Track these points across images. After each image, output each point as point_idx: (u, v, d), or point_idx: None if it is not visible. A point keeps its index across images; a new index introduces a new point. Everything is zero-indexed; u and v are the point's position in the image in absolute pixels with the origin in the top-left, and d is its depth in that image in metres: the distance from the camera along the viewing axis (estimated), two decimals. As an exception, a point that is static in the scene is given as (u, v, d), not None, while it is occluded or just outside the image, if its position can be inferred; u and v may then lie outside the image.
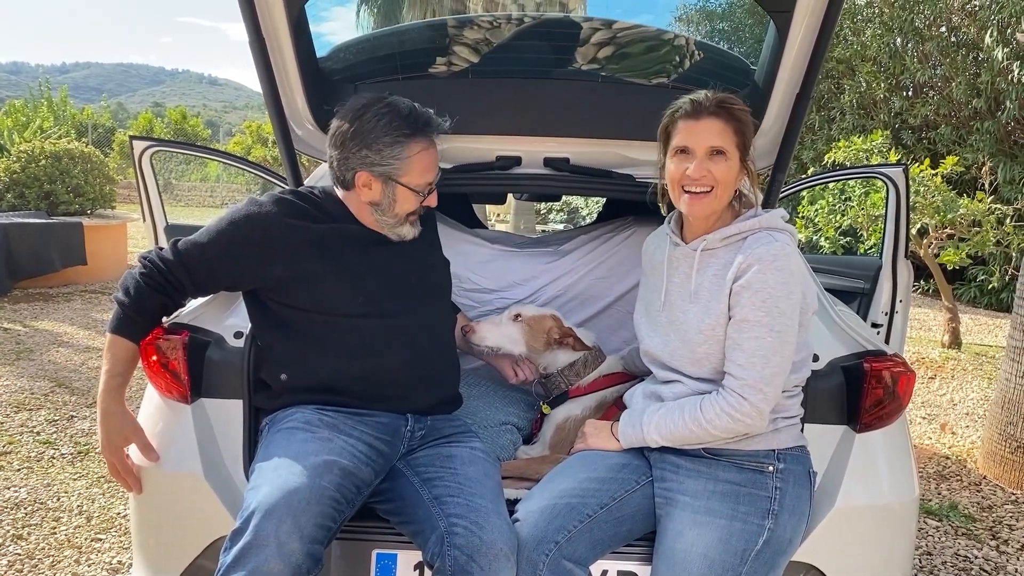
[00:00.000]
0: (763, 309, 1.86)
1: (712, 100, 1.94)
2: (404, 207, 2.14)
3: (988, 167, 8.71)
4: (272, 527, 1.69)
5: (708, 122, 1.93)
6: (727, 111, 1.94)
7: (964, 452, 5.02)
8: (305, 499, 1.74)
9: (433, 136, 2.13)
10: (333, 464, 1.86)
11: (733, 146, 1.94)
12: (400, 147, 2.07)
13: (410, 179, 2.11)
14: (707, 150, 1.93)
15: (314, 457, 1.86)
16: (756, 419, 1.88)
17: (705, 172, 1.92)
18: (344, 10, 2.68)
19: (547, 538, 1.86)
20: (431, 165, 2.14)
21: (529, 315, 2.61)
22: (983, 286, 11.37)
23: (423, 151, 2.10)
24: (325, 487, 1.80)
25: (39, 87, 23.99)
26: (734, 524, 1.88)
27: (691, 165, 1.93)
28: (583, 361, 2.60)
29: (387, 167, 2.08)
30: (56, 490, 3.85)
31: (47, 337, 7.00)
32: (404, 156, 2.08)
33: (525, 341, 2.58)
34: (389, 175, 2.10)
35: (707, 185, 1.93)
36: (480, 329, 2.56)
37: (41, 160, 10.64)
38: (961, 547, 3.64)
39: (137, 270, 2.08)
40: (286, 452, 1.88)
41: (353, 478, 1.89)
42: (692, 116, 1.94)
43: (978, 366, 7.31)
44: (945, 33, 12.42)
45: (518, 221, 16.75)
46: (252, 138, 34.39)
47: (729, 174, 1.94)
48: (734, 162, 1.95)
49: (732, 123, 1.94)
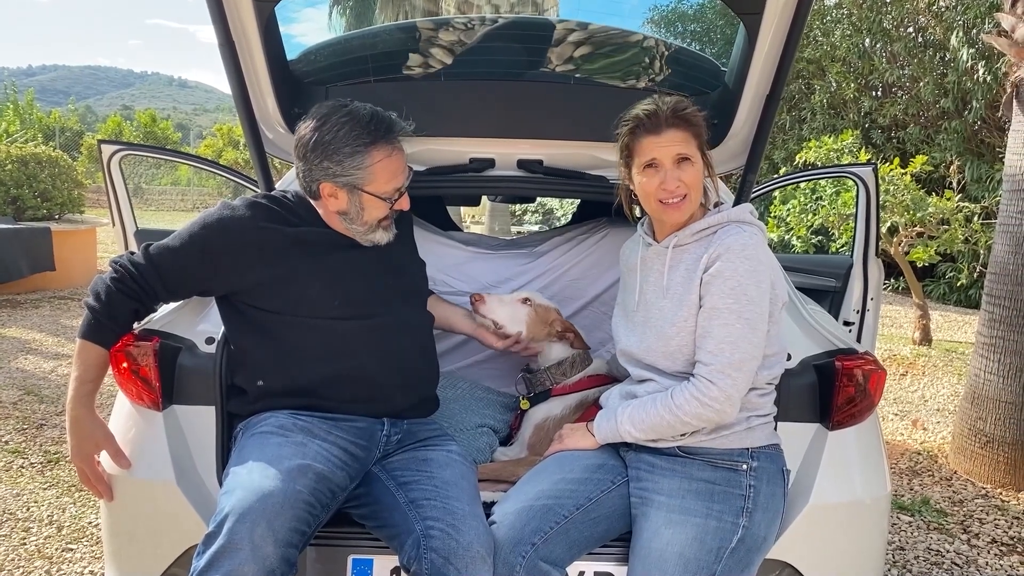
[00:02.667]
0: (731, 296, 1.89)
1: (667, 110, 1.97)
2: (373, 214, 2.12)
3: (956, 166, 8.84)
4: (246, 531, 1.67)
5: (670, 134, 1.97)
6: (685, 120, 1.98)
7: (935, 448, 5.09)
8: (279, 503, 1.72)
9: (396, 141, 2.09)
10: (307, 468, 1.85)
11: (695, 149, 1.99)
12: (361, 156, 2.03)
13: (376, 187, 2.08)
14: (675, 160, 1.97)
15: (288, 461, 1.84)
16: (725, 404, 1.89)
17: (677, 182, 1.96)
18: (315, 11, 2.67)
19: (523, 540, 1.86)
20: (396, 171, 2.10)
21: (538, 302, 2.63)
22: (952, 283, 11.55)
23: (386, 158, 2.06)
24: (299, 491, 1.78)
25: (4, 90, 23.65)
26: (709, 522, 1.89)
27: (663, 178, 1.97)
28: (571, 360, 2.61)
29: (350, 177, 2.05)
30: (25, 500, 3.79)
31: (15, 344, 6.89)
32: (366, 165, 2.04)
33: (527, 325, 2.58)
34: (354, 185, 2.06)
35: (681, 193, 1.98)
36: (488, 302, 2.56)
37: (7, 165, 10.47)
38: (933, 541, 3.69)
39: (108, 275, 2.05)
40: (260, 456, 1.86)
41: (328, 483, 1.88)
42: (653, 131, 1.98)
43: (948, 362, 7.42)
44: (912, 34, 12.61)
45: (493, 223, 16.75)
46: (223, 141, 34.14)
47: (697, 176, 1.99)
48: (699, 164, 2.00)
49: (691, 129, 1.99)
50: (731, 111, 2.49)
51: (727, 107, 2.49)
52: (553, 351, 2.63)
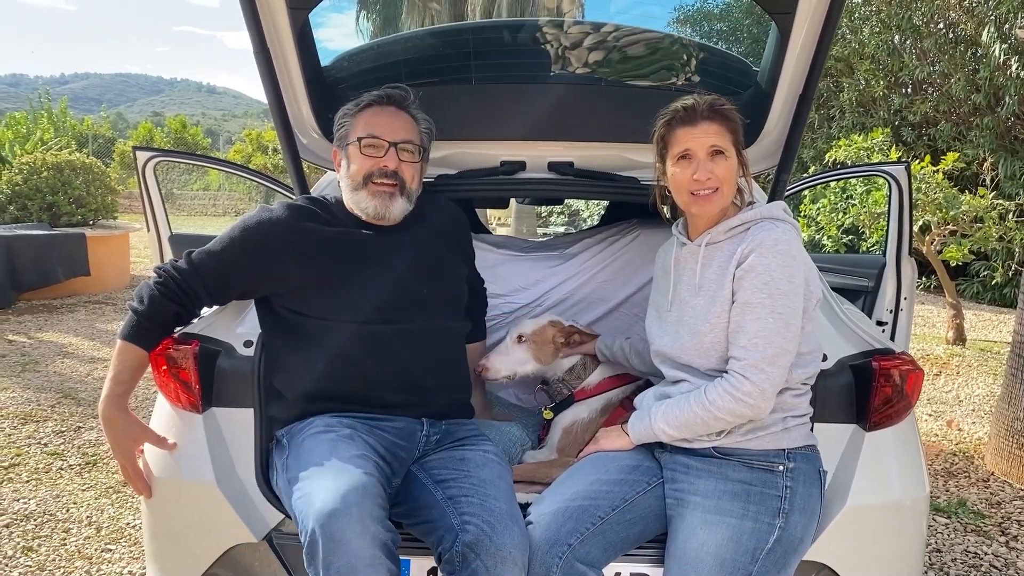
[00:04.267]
0: (764, 291, 1.89)
1: (704, 104, 2.01)
2: (356, 166, 2.19)
3: (989, 163, 8.70)
4: (341, 525, 1.67)
5: (705, 126, 1.99)
6: (720, 113, 2.01)
7: (971, 448, 5.02)
8: (360, 490, 1.73)
9: (386, 102, 2.22)
10: (367, 456, 1.89)
11: (730, 144, 2.01)
12: (350, 112, 2.23)
13: (353, 135, 2.19)
14: (708, 152, 1.98)
15: (347, 452, 1.87)
16: (759, 399, 1.88)
17: (709, 174, 1.98)
18: (343, 16, 2.70)
19: (560, 541, 1.86)
20: (375, 120, 2.19)
21: (530, 331, 2.63)
22: (986, 282, 11.37)
23: (368, 112, 2.21)
24: (371, 474, 1.80)
25: (39, 99, 24.01)
26: (745, 523, 1.88)
27: (695, 168, 1.98)
28: (582, 364, 2.62)
29: (340, 134, 2.23)
30: (65, 501, 3.86)
31: (52, 348, 7.01)
32: (353, 117, 2.21)
33: (534, 358, 2.60)
34: (342, 140, 2.22)
35: (712, 186, 1.99)
36: (491, 363, 2.58)
37: (43, 172, 10.64)
38: (971, 544, 3.64)
39: (152, 279, 2.10)
40: (319, 457, 1.88)
41: (383, 473, 1.91)
42: (689, 123, 2.01)
43: (983, 362, 7.31)
44: (943, 30, 12.43)
45: (519, 225, 16.75)
46: (252, 146, 34.46)
47: (730, 171, 2.01)
48: (732, 160, 2.01)
49: (726, 123, 2.01)
50: (763, 111, 2.48)
51: (759, 107, 2.48)
52: (562, 360, 2.65)
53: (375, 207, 2.18)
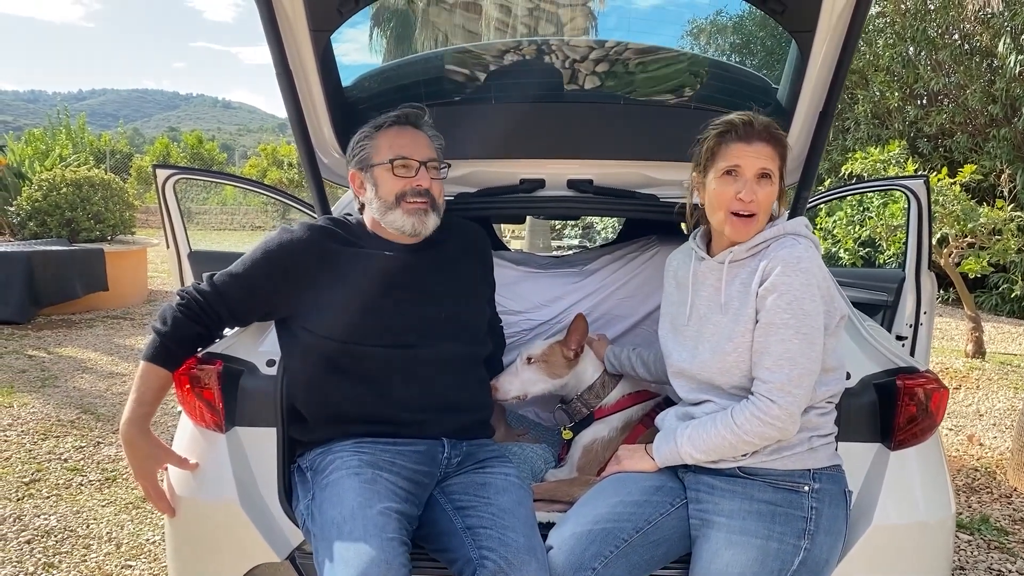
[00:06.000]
0: (788, 311, 1.87)
1: (762, 124, 1.97)
2: (386, 188, 2.18)
3: (1007, 175, 8.65)
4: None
5: (760, 147, 1.95)
6: (775, 137, 1.97)
7: (993, 463, 4.96)
8: (383, 564, 1.72)
9: (402, 121, 2.23)
10: (389, 511, 1.86)
11: (777, 169, 1.97)
12: (368, 135, 2.23)
13: (379, 156, 2.19)
14: (757, 173, 1.95)
15: (369, 510, 1.84)
16: (787, 422, 1.87)
17: (753, 196, 1.94)
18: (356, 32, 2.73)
19: (584, 565, 1.85)
20: (400, 141, 2.20)
21: (539, 352, 2.62)
22: (1005, 294, 11.28)
23: (390, 133, 2.21)
24: (391, 539, 1.79)
25: (57, 115, 24.25)
26: (770, 544, 1.87)
27: (741, 187, 1.95)
28: (600, 382, 2.61)
29: (361, 156, 2.22)
30: (85, 517, 3.88)
31: (71, 364, 7.06)
32: (373, 139, 2.21)
33: (546, 376, 2.59)
34: (364, 163, 2.21)
35: (753, 210, 1.95)
36: (501, 384, 2.57)
37: (62, 188, 10.74)
38: (994, 561, 3.60)
39: (175, 301, 2.11)
40: (344, 512, 1.85)
41: (405, 516, 1.91)
42: (744, 139, 1.96)
43: (1003, 375, 7.24)
44: (958, 41, 12.39)
45: (534, 239, 16.74)
46: (268, 161, 34.69)
47: (771, 198, 1.98)
48: (776, 186, 1.98)
49: (779, 148, 1.97)
50: (784, 129, 2.47)
51: (780, 125, 2.48)
52: (581, 377, 2.62)
53: (412, 225, 2.18)
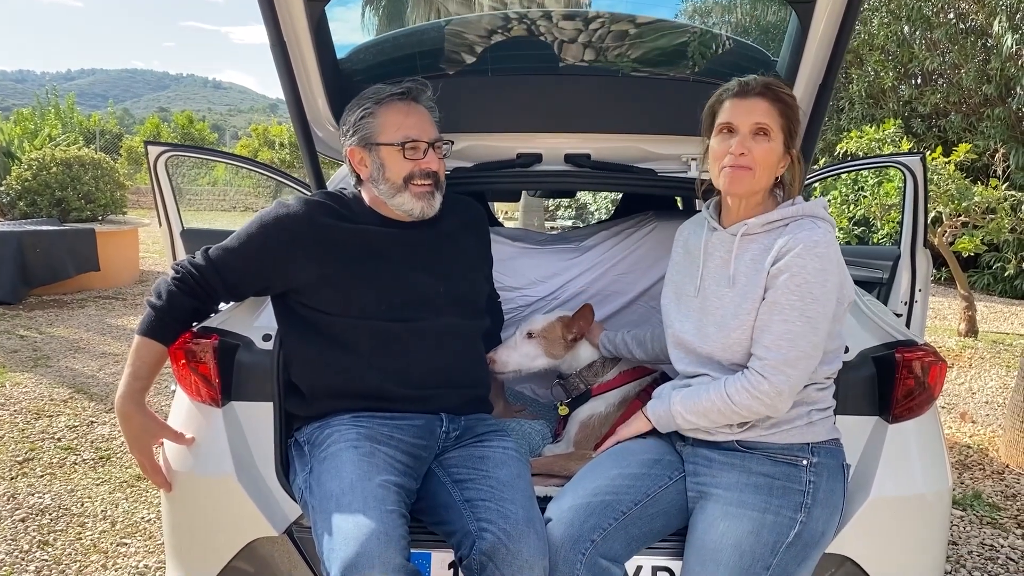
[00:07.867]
0: (796, 294, 1.85)
1: (759, 82, 1.95)
2: (394, 170, 2.14)
3: (1001, 154, 8.65)
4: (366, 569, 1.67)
5: (754, 101, 1.92)
6: (773, 92, 1.94)
7: (985, 441, 5.00)
8: (383, 536, 1.71)
9: (406, 98, 2.18)
10: (388, 484, 1.86)
11: (777, 127, 1.93)
12: (370, 111, 2.15)
13: (386, 136, 2.14)
14: (751, 127, 1.92)
15: (369, 482, 1.83)
16: (776, 400, 1.87)
17: (744, 149, 1.91)
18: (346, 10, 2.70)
19: (583, 537, 1.85)
20: (406, 120, 2.15)
21: (539, 328, 2.62)
22: (998, 273, 11.32)
23: (394, 110, 2.15)
24: (391, 511, 1.78)
25: (46, 95, 23.99)
26: (766, 516, 1.87)
27: (734, 142, 1.92)
28: (601, 362, 2.60)
29: (364, 132, 2.16)
30: (80, 495, 3.87)
31: (63, 344, 7.03)
32: (375, 116, 2.15)
33: (544, 353, 2.60)
34: (367, 140, 2.15)
35: (746, 163, 1.91)
36: (499, 356, 2.57)
37: (52, 168, 10.65)
38: (987, 536, 3.63)
39: (170, 275, 2.09)
40: (342, 485, 1.84)
41: (403, 489, 1.90)
42: (739, 95, 1.95)
43: (996, 354, 7.28)
44: (953, 20, 12.35)
45: (528, 219, 16.68)
46: (259, 141, 34.47)
47: (770, 156, 1.93)
48: (776, 144, 1.93)
49: (777, 104, 1.93)
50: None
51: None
52: (579, 356, 2.63)
53: (421, 208, 2.17)
